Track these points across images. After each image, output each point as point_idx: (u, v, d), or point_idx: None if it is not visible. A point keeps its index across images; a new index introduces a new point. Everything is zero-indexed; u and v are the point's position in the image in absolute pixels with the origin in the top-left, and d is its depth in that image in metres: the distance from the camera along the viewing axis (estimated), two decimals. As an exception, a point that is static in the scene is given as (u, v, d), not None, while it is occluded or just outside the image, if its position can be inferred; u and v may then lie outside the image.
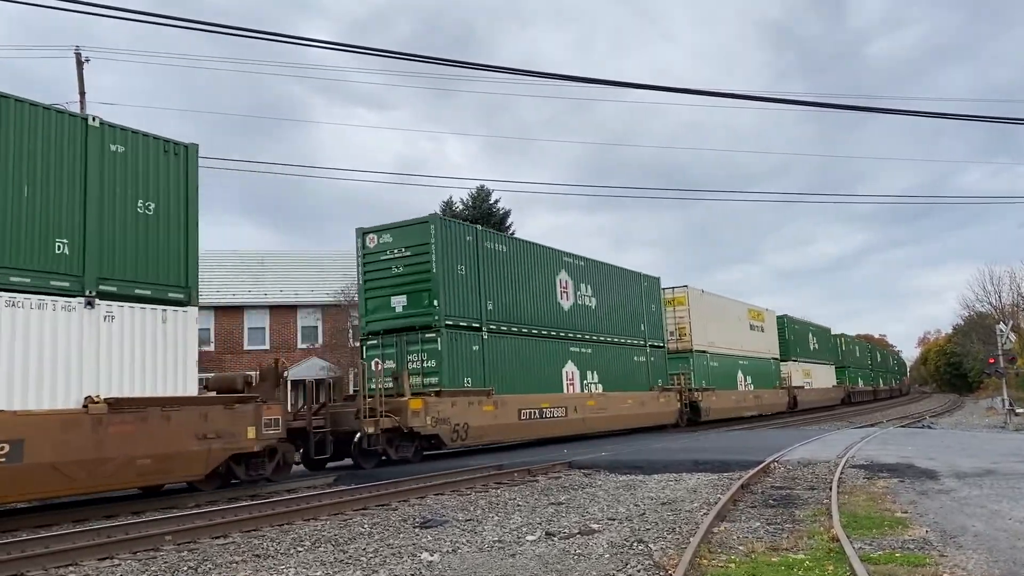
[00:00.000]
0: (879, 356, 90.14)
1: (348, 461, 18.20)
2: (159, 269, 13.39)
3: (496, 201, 45.31)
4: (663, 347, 31.17)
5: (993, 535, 7.90)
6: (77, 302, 12.12)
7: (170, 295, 13.49)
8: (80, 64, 25.46)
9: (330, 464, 18.05)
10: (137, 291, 12.99)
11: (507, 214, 45.52)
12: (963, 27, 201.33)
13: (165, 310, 13.33)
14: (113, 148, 12.95)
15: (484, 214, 43.77)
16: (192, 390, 13.57)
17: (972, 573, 6.41)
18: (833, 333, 63.76)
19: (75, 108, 24.67)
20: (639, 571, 6.84)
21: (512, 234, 42.69)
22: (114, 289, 12.65)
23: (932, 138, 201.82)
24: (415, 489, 13.12)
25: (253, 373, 15.41)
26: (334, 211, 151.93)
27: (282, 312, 37.05)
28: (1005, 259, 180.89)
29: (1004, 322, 39.83)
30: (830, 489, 11.44)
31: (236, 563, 8.10)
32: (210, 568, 7.90)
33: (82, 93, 25.30)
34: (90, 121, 12.83)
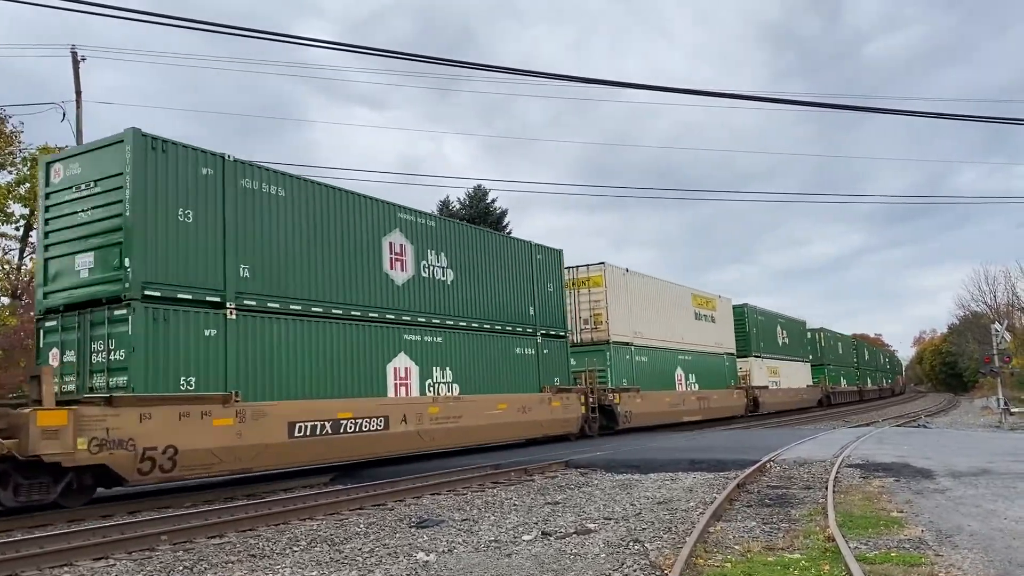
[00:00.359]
0: (867, 353, 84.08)
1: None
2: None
3: (493, 200, 45.32)
4: (564, 337, 25.17)
5: (989, 534, 7.91)
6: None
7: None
8: (76, 63, 25.37)
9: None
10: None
11: (504, 213, 45.51)
12: (959, 28, 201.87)
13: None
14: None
15: (481, 213, 43.76)
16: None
17: (968, 573, 6.41)
18: (810, 327, 58.58)
19: (71, 108, 24.63)
20: (635, 571, 6.84)
21: (510, 233, 42.48)
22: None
23: (928, 139, 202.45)
24: (411, 489, 13.11)
25: None
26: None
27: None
28: (1000, 259, 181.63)
29: (999, 321, 39.87)
30: (826, 488, 11.45)
31: (232, 563, 8.09)
32: (206, 568, 7.88)
33: (78, 92, 25.22)
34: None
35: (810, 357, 56.83)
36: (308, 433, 14.97)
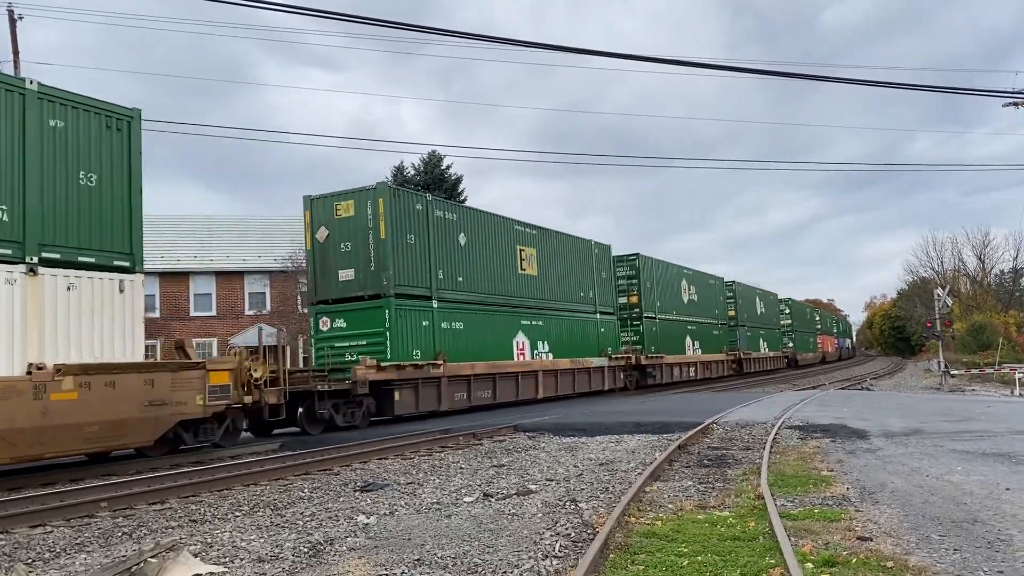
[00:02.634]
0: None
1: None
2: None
3: (448, 167, 45.02)
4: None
5: (909, 491, 8.24)
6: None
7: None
8: (13, 21, 24.52)
9: (278, 431, 18.02)
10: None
11: (459, 180, 45.28)
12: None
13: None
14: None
15: (436, 180, 43.48)
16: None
17: (882, 526, 6.70)
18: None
19: (8, 68, 23.86)
20: (568, 529, 7.00)
21: (464, 200, 42.66)
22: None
23: (883, 107, 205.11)
24: (359, 455, 13.18)
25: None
26: (285, 175, 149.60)
27: (229, 278, 36.56)
28: (950, 226, 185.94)
29: (943, 287, 40.96)
30: (763, 449, 11.78)
31: (172, 528, 8.10)
32: (145, 533, 7.89)
33: (16, 52, 24.40)
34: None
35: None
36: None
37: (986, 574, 5.30)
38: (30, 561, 6.87)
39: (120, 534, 7.91)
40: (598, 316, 30.15)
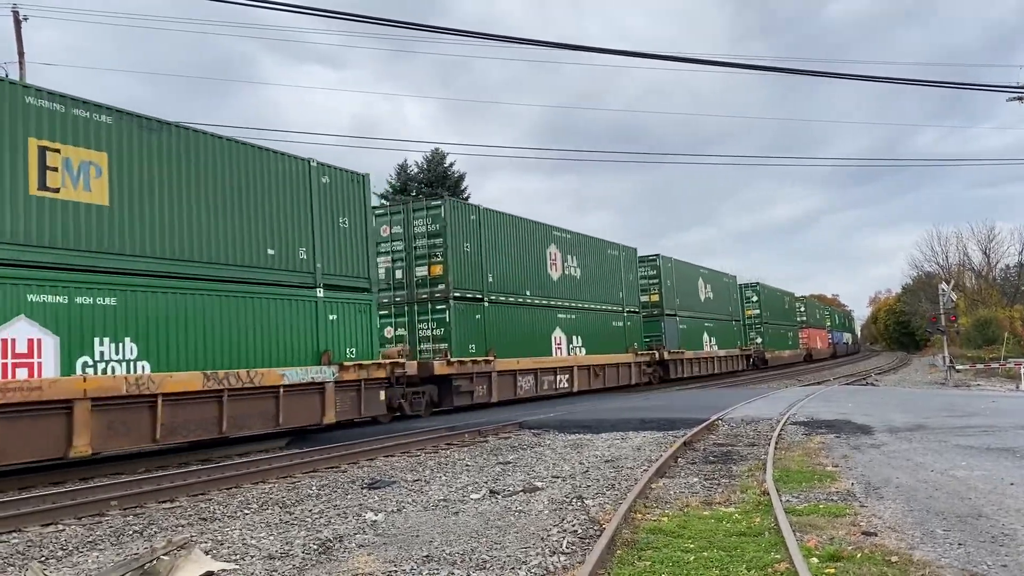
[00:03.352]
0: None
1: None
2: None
3: (451, 164, 45.09)
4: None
5: (913, 486, 8.29)
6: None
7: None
8: (18, 22, 24.62)
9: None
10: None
11: (462, 177, 45.35)
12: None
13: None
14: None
15: (439, 177, 43.55)
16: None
17: (887, 521, 6.75)
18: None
19: (13, 68, 23.93)
20: (574, 526, 7.07)
21: (467, 197, 42.76)
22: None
23: (888, 100, 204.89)
24: (365, 452, 13.26)
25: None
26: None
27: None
28: (955, 220, 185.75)
29: (947, 282, 40.94)
30: (769, 445, 11.83)
31: (182, 526, 8.18)
32: (155, 531, 7.97)
33: (20, 53, 24.50)
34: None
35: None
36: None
37: (990, 568, 5.35)
38: (43, 559, 6.95)
39: (131, 532, 7.99)
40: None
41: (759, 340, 52.64)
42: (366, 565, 6.10)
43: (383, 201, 38.54)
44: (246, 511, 8.91)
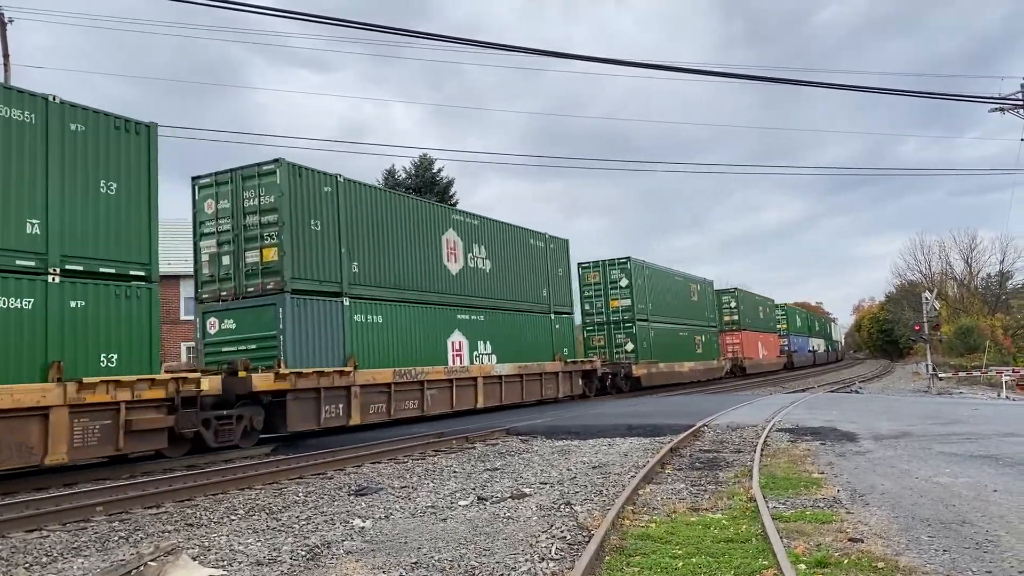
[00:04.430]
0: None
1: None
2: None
3: (440, 170, 45.10)
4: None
5: (899, 493, 8.36)
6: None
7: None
8: (3, 24, 24.45)
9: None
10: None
11: (451, 183, 45.35)
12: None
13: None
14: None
15: (427, 183, 43.55)
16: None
17: (873, 528, 6.80)
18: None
19: (-3, 70, 23.75)
20: (563, 532, 7.09)
21: (456, 203, 42.76)
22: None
23: (873, 108, 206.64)
24: (352, 458, 13.24)
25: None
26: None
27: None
28: (938, 228, 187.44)
29: (930, 290, 41.30)
30: (754, 452, 11.89)
31: (168, 532, 8.14)
32: (141, 537, 7.92)
33: (6, 55, 24.34)
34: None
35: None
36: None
37: (975, 574, 5.41)
38: (28, 565, 6.90)
39: (117, 538, 7.94)
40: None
41: (629, 348, 35.18)
42: (354, 572, 6.09)
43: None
44: (233, 517, 8.87)
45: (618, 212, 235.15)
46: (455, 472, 11.72)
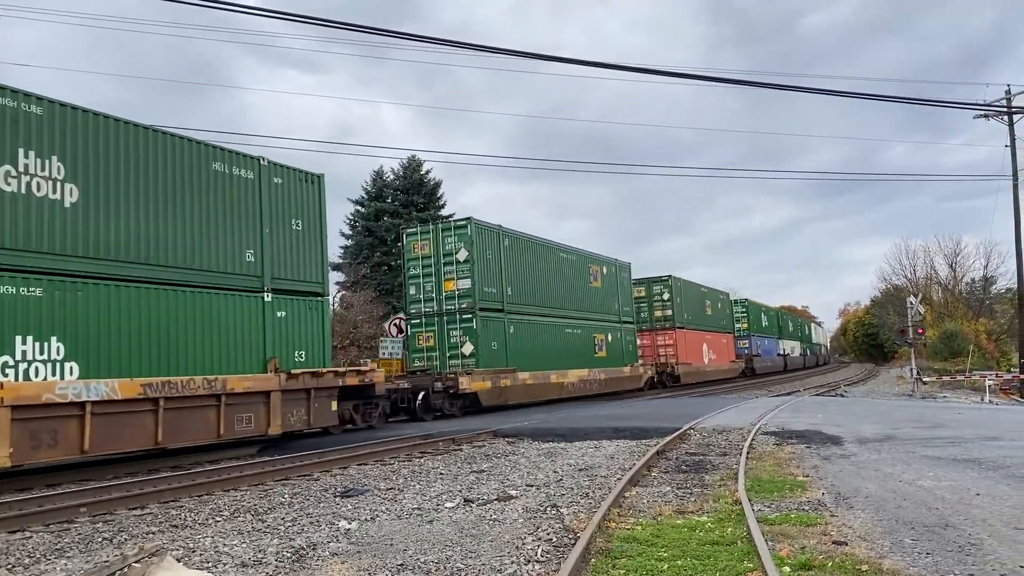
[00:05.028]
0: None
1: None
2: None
3: (428, 172, 45.06)
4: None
5: (882, 496, 8.41)
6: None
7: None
8: (-11, 21, 24.26)
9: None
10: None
11: (438, 184, 45.32)
12: (894, 2, 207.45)
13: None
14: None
15: (415, 184, 43.49)
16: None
17: (857, 531, 6.84)
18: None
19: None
20: (549, 534, 7.09)
21: (443, 205, 42.79)
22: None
23: (860, 112, 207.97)
24: (338, 460, 13.19)
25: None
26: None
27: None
28: (924, 232, 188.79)
29: (915, 295, 41.57)
30: (740, 455, 11.94)
31: (153, 533, 8.09)
32: (125, 539, 7.87)
33: (-9, 52, 24.12)
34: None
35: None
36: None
37: (957, 577, 5.45)
38: (10, 567, 6.84)
39: (100, 539, 7.89)
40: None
41: (468, 353, 24.36)
42: (339, 573, 6.08)
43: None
44: (218, 518, 8.83)
45: (605, 215, 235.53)
46: (441, 474, 11.71)
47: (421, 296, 24.27)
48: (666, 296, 41.53)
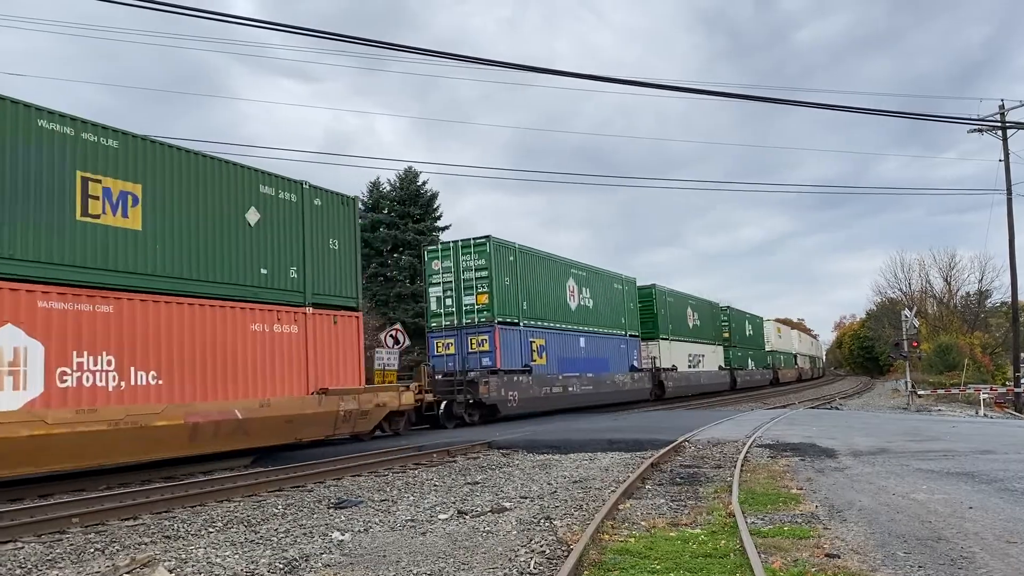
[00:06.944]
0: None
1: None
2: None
3: (424, 183, 45.13)
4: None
5: (876, 509, 8.42)
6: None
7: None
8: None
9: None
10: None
11: (434, 196, 45.38)
12: (886, 17, 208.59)
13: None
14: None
15: (411, 196, 43.57)
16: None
17: (850, 543, 6.85)
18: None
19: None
20: (542, 546, 7.09)
21: (439, 216, 42.89)
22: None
23: (853, 126, 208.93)
24: (332, 471, 13.17)
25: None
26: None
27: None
28: (918, 245, 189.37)
29: (910, 308, 41.67)
30: (734, 467, 11.94)
31: (145, 544, 8.06)
32: (118, 549, 7.85)
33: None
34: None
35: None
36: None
37: (949, 590, 5.46)
38: (1, 577, 6.82)
39: (92, 550, 7.86)
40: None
41: None
42: (333, 585, 6.07)
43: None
44: (211, 529, 8.81)
45: (597, 226, 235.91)
46: (435, 486, 11.69)
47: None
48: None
